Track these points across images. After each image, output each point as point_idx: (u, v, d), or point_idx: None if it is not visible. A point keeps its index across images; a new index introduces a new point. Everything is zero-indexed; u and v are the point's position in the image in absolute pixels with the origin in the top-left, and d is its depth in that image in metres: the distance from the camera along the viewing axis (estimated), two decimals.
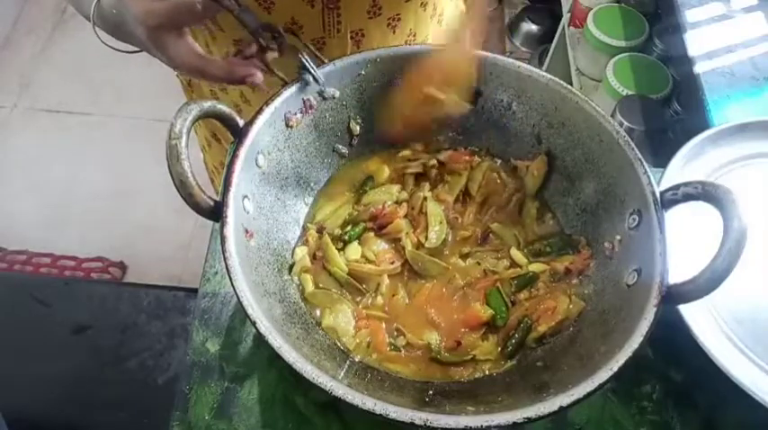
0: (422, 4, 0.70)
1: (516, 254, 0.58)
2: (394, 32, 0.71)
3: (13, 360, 1.08)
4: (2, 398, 0.98)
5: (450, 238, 0.59)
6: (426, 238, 0.58)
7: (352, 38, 0.69)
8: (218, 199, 0.46)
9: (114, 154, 2.00)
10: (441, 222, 0.59)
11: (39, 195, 1.91)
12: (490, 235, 0.59)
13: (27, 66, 2.25)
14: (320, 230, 0.58)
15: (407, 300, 0.56)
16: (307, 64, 0.54)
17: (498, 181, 0.62)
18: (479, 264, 0.57)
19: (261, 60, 0.53)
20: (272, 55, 0.53)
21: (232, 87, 0.77)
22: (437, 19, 0.75)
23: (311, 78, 0.55)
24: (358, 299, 0.55)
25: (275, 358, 0.40)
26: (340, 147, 0.62)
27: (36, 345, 1.12)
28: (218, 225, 0.46)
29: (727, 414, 0.55)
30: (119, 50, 0.59)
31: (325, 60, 0.56)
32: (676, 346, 0.54)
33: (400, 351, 0.53)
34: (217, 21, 0.67)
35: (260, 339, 0.46)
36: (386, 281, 0.56)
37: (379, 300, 0.55)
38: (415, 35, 0.73)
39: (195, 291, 0.61)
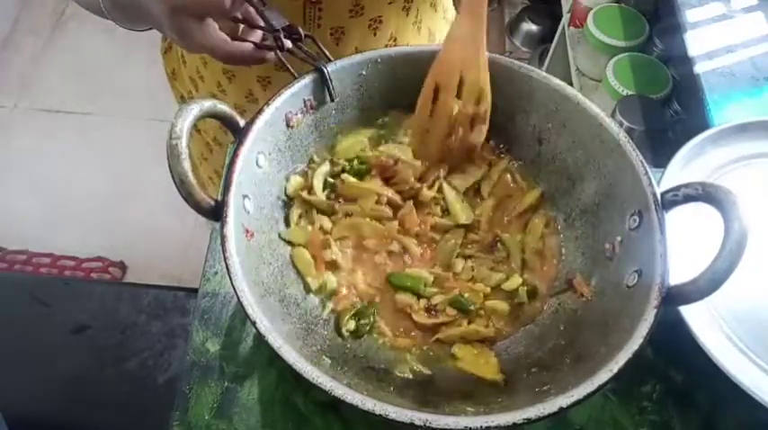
0: (404, 8, 0.70)
1: (515, 280, 0.56)
2: (375, 35, 0.71)
3: (13, 359, 1.08)
4: (2, 398, 0.98)
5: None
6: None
7: (331, 35, 0.69)
8: (218, 198, 0.46)
9: (114, 154, 2.00)
10: (462, 202, 0.59)
11: (39, 195, 1.91)
12: (498, 243, 0.58)
13: (27, 66, 2.25)
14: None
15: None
16: (328, 78, 0.54)
17: (512, 184, 0.61)
18: (473, 269, 0.57)
19: (277, 57, 0.53)
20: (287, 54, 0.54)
21: (209, 76, 0.77)
22: (417, 26, 0.75)
23: (326, 93, 0.55)
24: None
25: (275, 358, 0.40)
26: None
27: (36, 345, 1.12)
28: (218, 225, 0.46)
29: (727, 414, 0.55)
30: (128, 29, 0.59)
31: (333, 60, 0.56)
32: (676, 346, 0.54)
33: None
34: None
35: (260, 339, 0.47)
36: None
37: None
38: (395, 39, 0.73)
39: (195, 290, 0.61)
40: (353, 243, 0.57)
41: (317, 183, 0.58)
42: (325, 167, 0.59)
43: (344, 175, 0.58)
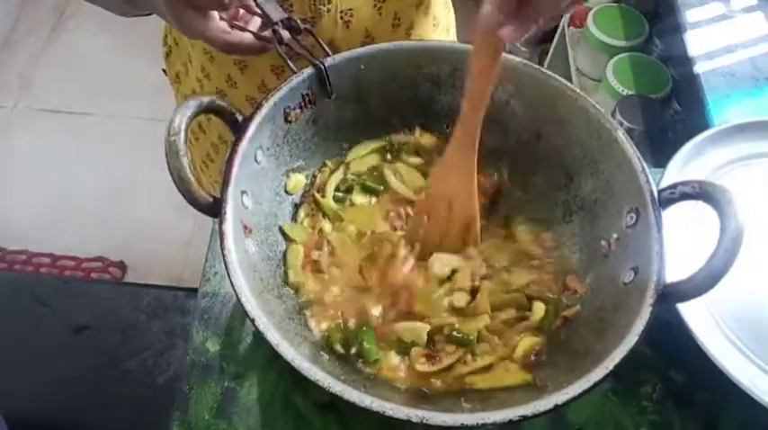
0: None
1: (539, 309, 0.53)
2: (380, 14, 0.70)
3: (13, 360, 1.08)
4: (2, 398, 0.98)
5: None
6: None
7: (341, 18, 0.68)
8: (216, 195, 0.46)
9: (114, 154, 2.00)
10: None
11: (39, 195, 1.91)
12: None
13: (27, 66, 2.25)
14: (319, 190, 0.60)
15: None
16: (325, 74, 0.54)
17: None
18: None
19: (276, 50, 0.53)
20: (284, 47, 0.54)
21: (217, 71, 0.77)
22: (423, 11, 0.74)
23: (326, 88, 0.55)
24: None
25: (275, 357, 0.40)
26: (344, 145, 0.62)
27: (36, 345, 1.12)
28: (217, 225, 0.46)
29: (727, 414, 0.55)
30: (129, 13, 0.59)
31: (331, 54, 0.56)
32: (676, 346, 0.54)
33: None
34: None
35: (259, 337, 0.46)
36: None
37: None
38: (399, 18, 0.72)
39: (195, 290, 0.61)
40: (338, 261, 0.56)
41: (330, 189, 0.59)
42: (340, 174, 0.60)
43: (355, 198, 0.59)
